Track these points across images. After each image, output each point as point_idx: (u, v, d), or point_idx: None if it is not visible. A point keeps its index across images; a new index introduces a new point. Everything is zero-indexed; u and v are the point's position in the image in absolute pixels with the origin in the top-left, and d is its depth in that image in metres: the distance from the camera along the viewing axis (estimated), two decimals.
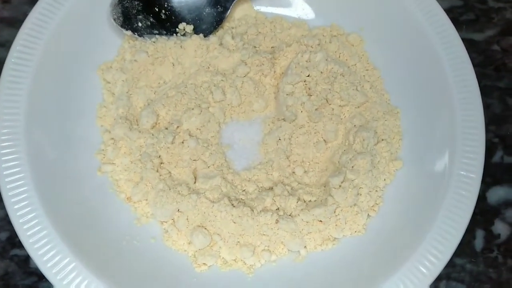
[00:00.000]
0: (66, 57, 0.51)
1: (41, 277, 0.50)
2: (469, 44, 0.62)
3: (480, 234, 0.56)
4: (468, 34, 0.64)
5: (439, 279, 0.53)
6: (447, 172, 0.49)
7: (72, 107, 0.50)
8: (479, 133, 0.49)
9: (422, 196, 0.50)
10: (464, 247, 0.55)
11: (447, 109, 0.51)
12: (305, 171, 0.51)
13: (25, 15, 0.61)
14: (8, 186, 0.42)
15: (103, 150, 0.50)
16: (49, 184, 0.44)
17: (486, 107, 0.60)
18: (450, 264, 0.54)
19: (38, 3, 0.50)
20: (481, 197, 0.57)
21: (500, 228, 0.56)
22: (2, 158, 0.43)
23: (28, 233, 0.41)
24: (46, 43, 0.49)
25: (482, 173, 0.48)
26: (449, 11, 0.62)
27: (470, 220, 0.47)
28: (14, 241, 0.52)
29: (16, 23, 0.61)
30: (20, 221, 0.41)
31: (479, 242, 0.55)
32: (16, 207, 0.41)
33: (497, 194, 0.57)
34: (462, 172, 0.48)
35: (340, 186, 0.48)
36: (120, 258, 0.44)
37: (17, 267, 0.51)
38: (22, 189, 0.42)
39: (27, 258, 0.51)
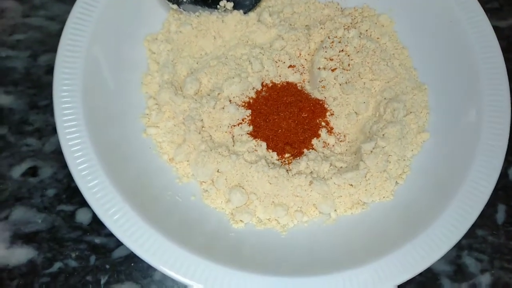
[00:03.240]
0: (115, 29, 0.54)
1: (85, 231, 0.54)
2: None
3: (501, 208, 0.58)
4: (492, 22, 0.66)
5: (461, 249, 0.56)
6: (471, 147, 0.51)
7: (121, 75, 0.54)
8: (504, 112, 0.51)
9: (446, 168, 0.52)
10: (486, 220, 0.57)
11: (474, 88, 0.52)
12: (336, 141, 0.54)
13: None
14: (69, 143, 0.45)
15: (147, 114, 0.53)
16: (103, 142, 0.47)
17: (510, 90, 0.62)
18: (473, 235, 0.56)
19: None
20: (504, 174, 0.59)
21: None
22: (63, 118, 0.46)
23: (85, 180, 0.44)
24: (98, 17, 0.52)
25: (507, 145, 0.50)
26: None
27: (493, 195, 0.49)
28: (61, 197, 0.55)
29: None
30: (79, 168, 0.44)
31: (500, 216, 0.58)
32: (76, 160, 0.45)
33: None
34: (486, 147, 0.50)
35: (371, 152, 0.50)
36: (164, 208, 0.47)
37: (63, 222, 0.54)
38: (79, 140, 0.46)
39: (72, 213, 0.55)
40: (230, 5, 0.58)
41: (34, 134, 0.58)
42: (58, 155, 0.56)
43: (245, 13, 0.58)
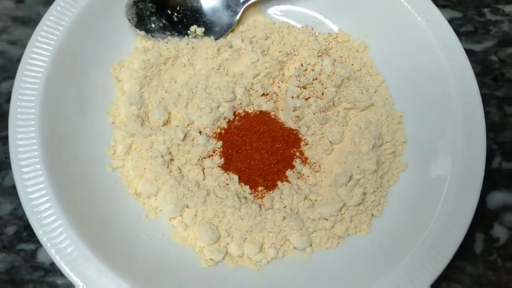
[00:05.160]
0: (80, 56, 0.51)
1: (47, 271, 0.51)
2: (468, 54, 0.64)
3: (479, 237, 0.57)
4: (467, 45, 0.66)
5: (440, 280, 0.54)
6: (448, 176, 0.50)
7: (85, 104, 0.51)
8: (480, 139, 0.50)
9: (424, 198, 0.51)
10: (464, 250, 0.56)
11: (450, 116, 0.51)
12: (311, 171, 0.52)
13: (38, 15, 0.63)
14: (24, 176, 0.43)
15: (113, 146, 0.51)
16: (63, 178, 0.45)
17: (485, 115, 0.62)
18: (451, 266, 0.55)
19: (54, 3, 0.51)
20: (480, 202, 0.58)
21: (499, 232, 0.57)
22: (19, 156, 0.44)
23: (42, 223, 0.41)
24: (60, 42, 0.49)
25: (482, 177, 0.49)
26: (449, 22, 0.64)
27: (470, 224, 0.48)
28: (21, 235, 0.52)
29: (29, 22, 0.62)
30: (34, 210, 0.42)
31: (478, 245, 0.57)
32: (32, 202, 0.42)
33: (496, 198, 0.59)
34: (463, 175, 0.49)
35: (346, 185, 0.49)
36: (130, 250, 0.45)
37: (24, 262, 0.51)
38: (38, 179, 0.43)
39: (33, 253, 0.51)
40: (201, 30, 0.56)
41: None
42: None
43: (216, 39, 0.56)
